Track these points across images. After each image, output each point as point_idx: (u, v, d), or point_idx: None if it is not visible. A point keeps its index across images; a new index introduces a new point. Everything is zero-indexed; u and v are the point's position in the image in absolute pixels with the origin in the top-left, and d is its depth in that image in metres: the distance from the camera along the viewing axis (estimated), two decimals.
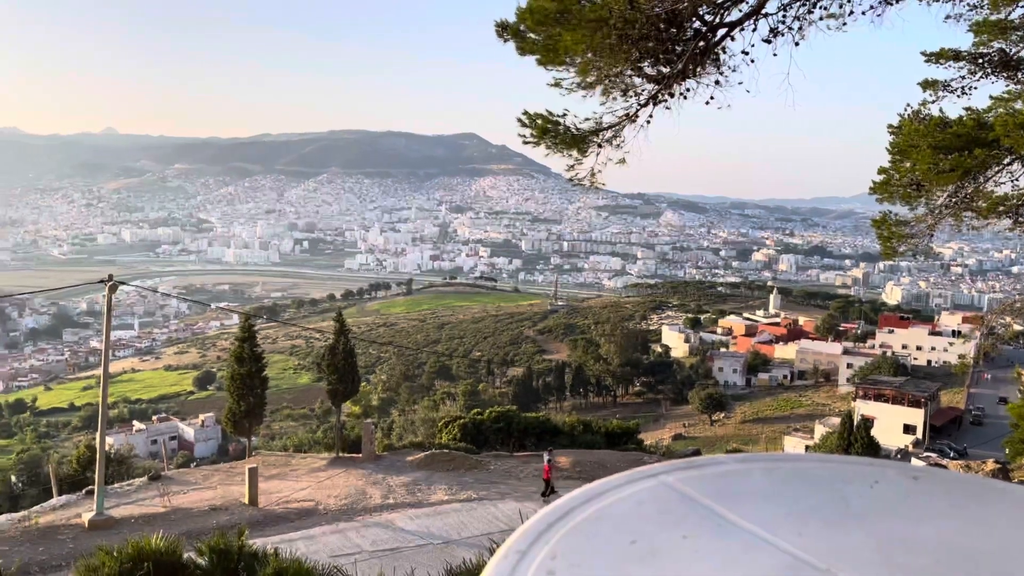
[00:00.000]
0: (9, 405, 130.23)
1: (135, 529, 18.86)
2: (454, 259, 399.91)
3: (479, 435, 33.09)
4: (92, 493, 22.45)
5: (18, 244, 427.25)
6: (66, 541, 19.44)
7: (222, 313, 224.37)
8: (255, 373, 29.40)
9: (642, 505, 1.56)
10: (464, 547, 17.26)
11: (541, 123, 9.94)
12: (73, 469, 32.80)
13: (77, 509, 22.35)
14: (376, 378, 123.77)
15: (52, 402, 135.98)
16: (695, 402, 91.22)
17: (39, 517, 22.02)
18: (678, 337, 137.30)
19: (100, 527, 20.24)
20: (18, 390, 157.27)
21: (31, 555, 18.06)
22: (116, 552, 8.32)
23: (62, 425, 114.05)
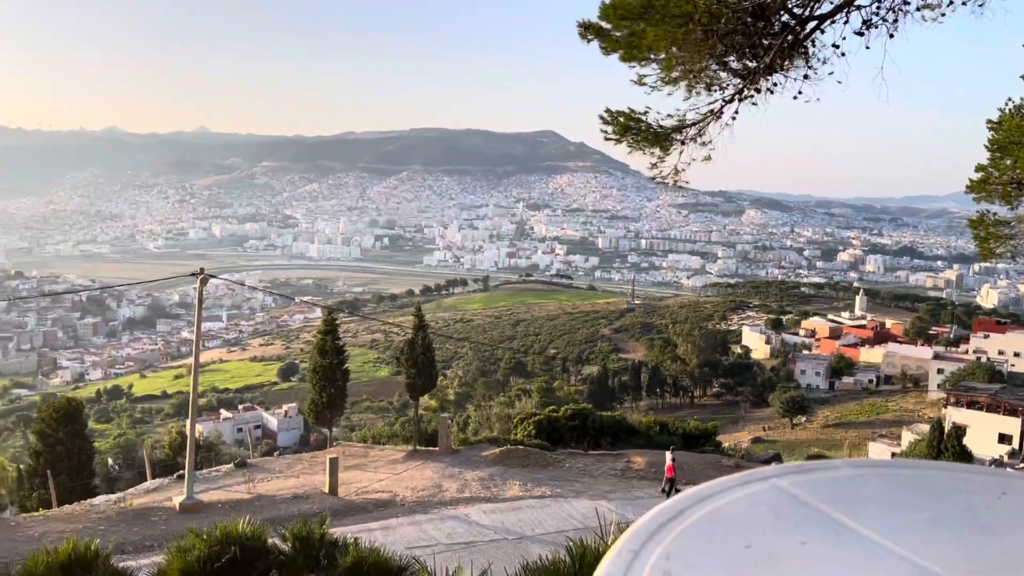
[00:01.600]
0: (107, 391, 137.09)
1: (222, 514, 19.56)
2: (530, 256, 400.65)
3: (554, 432, 33.06)
4: (183, 478, 23.40)
5: (117, 238, 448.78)
6: (158, 523, 20.32)
7: (305, 307, 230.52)
8: (336, 365, 30.11)
9: (755, 508, 1.51)
10: (538, 543, 17.29)
11: (623, 121, 9.85)
12: (165, 454, 34.33)
13: (169, 492, 23.34)
14: (452, 373, 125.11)
15: (146, 389, 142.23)
16: (775, 405, 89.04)
17: (134, 499, 23.10)
18: (759, 338, 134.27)
19: (190, 510, 21.08)
20: (116, 377, 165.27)
21: (126, 535, 18.95)
22: (206, 535, 8.64)
23: (155, 412, 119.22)
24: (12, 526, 20.66)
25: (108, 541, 16.80)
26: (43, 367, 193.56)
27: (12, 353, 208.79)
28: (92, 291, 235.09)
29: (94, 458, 32.43)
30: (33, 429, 31.85)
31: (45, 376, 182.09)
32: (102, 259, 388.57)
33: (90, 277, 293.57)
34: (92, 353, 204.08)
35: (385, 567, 8.03)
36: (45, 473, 27.20)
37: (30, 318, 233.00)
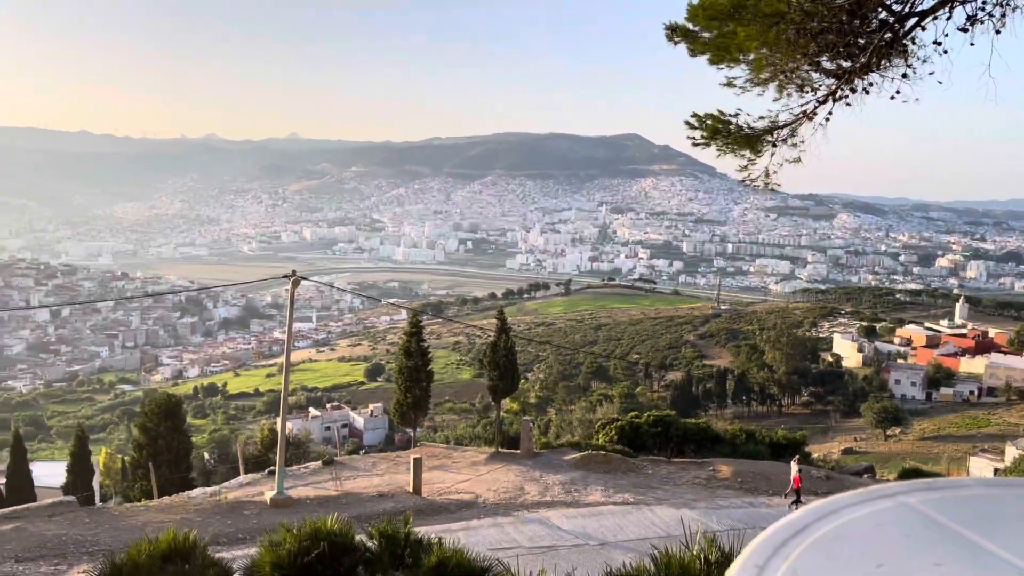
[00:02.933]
0: (204, 388, 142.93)
1: (311, 510, 20.12)
2: (613, 260, 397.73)
3: (636, 438, 32.70)
4: (274, 473, 24.17)
5: (214, 241, 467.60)
6: (250, 516, 21.04)
7: (391, 308, 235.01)
8: (421, 367, 30.57)
9: (883, 527, 1.42)
10: (620, 550, 17.14)
11: (712, 123, 9.68)
12: (257, 450, 35.53)
13: (260, 487, 24.14)
14: (534, 376, 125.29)
15: (240, 387, 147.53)
16: (868, 415, 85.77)
17: (228, 493, 23.99)
18: (851, 346, 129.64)
19: (280, 505, 21.75)
20: (211, 375, 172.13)
21: (221, 527, 19.69)
22: (296, 530, 8.91)
23: (248, 409, 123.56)
24: (116, 515, 21.76)
25: (205, 532, 17.48)
26: (145, 364, 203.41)
27: (118, 350, 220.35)
28: (191, 292, 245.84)
29: (191, 452, 33.86)
30: (136, 423, 33.49)
31: (147, 373, 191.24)
32: (200, 261, 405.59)
33: (189, 278, 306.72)
34: (190, 351, 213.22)
35: (468, 568, 8.11)
36: (147, 465, 28.55)
37: (134, 317, 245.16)
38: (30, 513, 21.33)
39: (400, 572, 8.71)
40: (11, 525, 19.96)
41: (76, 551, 18.22)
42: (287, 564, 8.59)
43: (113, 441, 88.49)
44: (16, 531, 19.49)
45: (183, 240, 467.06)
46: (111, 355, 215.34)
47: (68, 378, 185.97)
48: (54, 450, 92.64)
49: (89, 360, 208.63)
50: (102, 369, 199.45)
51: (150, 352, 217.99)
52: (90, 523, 20.49)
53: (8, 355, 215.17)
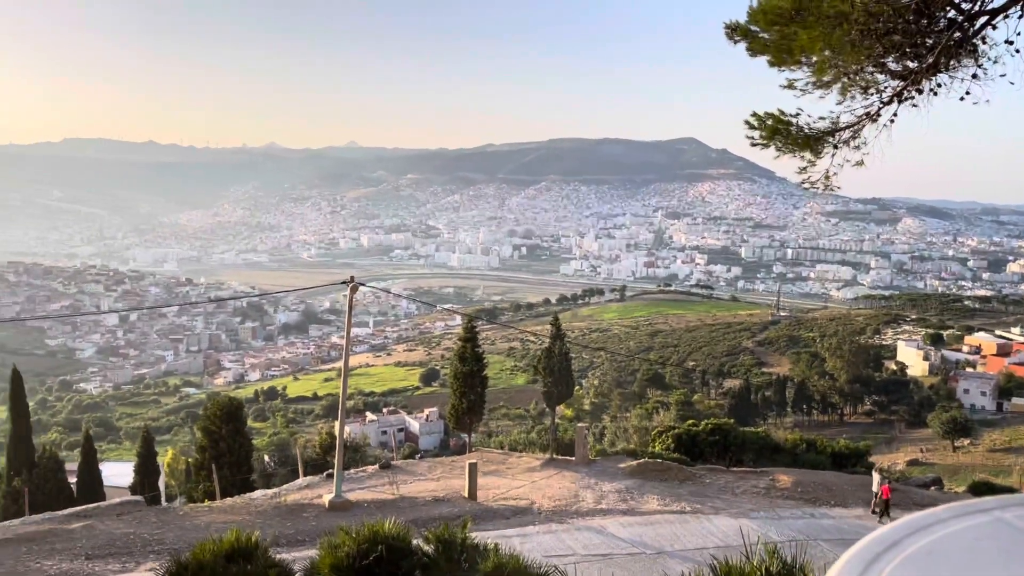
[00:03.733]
0: (264, 392, 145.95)
1: (368, 513, 20.34)
2: (669, 266, 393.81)
3: (693, 447, 32.26)
4: (332, 476, 24.52)
5: (275, 247, 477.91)
6: (309, 519, 21.39)
7: (446, 314, 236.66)
8: (476, 372, 30.70)
9: (979, 543, 1.34)
10: (677, 559, 16.92)
11: (771, 124, 9.52)
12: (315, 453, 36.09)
13: (319, 490, 24.52)
14: (588, 383, 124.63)
15: (299, 391, 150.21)
16: (935, 425, 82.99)
17: (288, 495, 24.43)
18: (916, 354, 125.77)
19: (338, 508, 22.06)
20: (271, 379, 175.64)
21: (281, 529, 20.06)
22: (354, 533, 9.03)
23: (306, 412, 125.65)
24: (181, 515, 22.33)
25: (265, 534, 17.84)
26: (208, 368, 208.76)
27: (182, 354, 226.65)
28: (252, 297, 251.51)
29: (252, 454, 34.56)
30: (199, 426, 34.35)
31: (210, 376, 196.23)
32: (261, 267, 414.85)
33: (250, 284, 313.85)
34: (251, 355, 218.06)
35: (524, 573, 8.10)
36: (210, 467, 29.26)
37: (198, 322, 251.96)
38: (100, 512, 22.05)
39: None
40: (82, 523, 20.66)
41: (143, 549, 18.75)
42: (346, 567, 8.70)
43: (177, 443, 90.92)
44: (87, 529, 20.16)
45: (245, 246, 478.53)
46: (176, 359, 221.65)
47: (135, 381, 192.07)
48: (122, 451, 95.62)
49: (155, 363, 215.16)
50: (167, 372, 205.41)
51: (213, 356, 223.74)
52: (156, 522, 21.08)
53: (80, 358, 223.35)
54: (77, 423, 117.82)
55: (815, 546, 6.53)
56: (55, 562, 17.82)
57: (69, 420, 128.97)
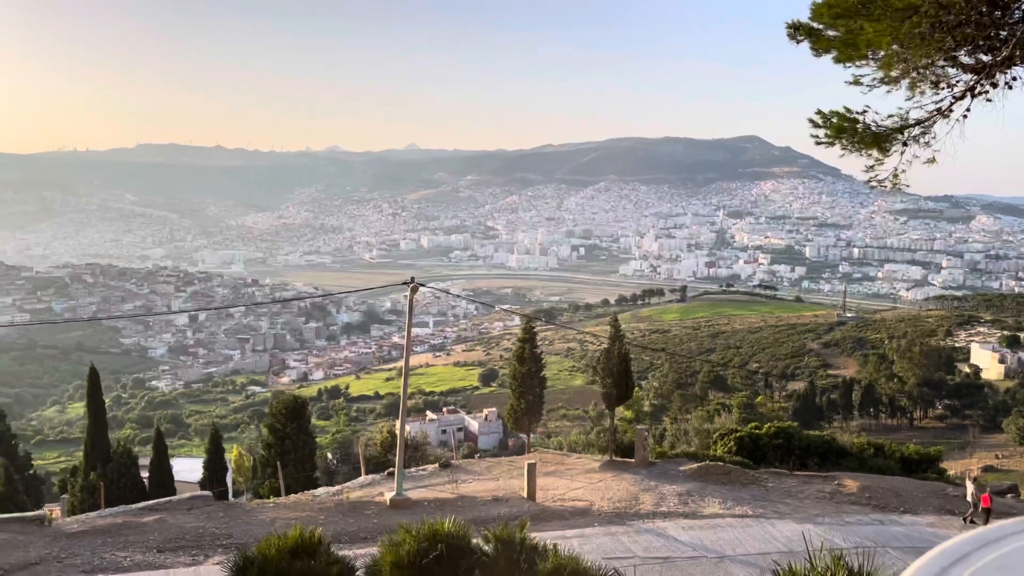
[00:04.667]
0: (327, 391, 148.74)
1: (428, 511, 20.54)
2: (731, 266, 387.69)
3: (756, 450, 31.67)
4: (393, 475, 24.85)
5: (338, 249, 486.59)
6: (371, 516, 21.70)
7: (505, 315, 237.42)
8: (534, 373, 30.72)
9: None
10: (739, 564, 16.67)
11: (837, 122, 9.29)
12: (377, 451, 36.59)
13: (380, 488, 24.86)
14: (648, 384, 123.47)
15: (361, 390, 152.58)
16: (1011, 431, 79.78)
17: (350, 492, 24.84)
18: (991, 357, 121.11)
19: (399, 506, 22.33)
20: (335, 378, 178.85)
21: (343, 525, 20.41)
22: (415, 531, 9.14)
23: (368, 411, 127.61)
24: (247, 511, 22.91)
25: (328, 530, 18.16)
26: (273, 367, 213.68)
27: (248, 353, 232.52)
28: (315, 298, 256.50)
29: (316, 452, 35.28)
30: (265, 423, 35.20)
31: (275, 375, 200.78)
32: (324, 268, 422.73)
33: (314, 285, 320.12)
34: (315, 355, 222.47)
35: (584, 575, 8.09)
36: (275, 464, 29.95)
37: (264, 322, 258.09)
38: (171, 506, 22.76)
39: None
40: (154, 517, 21.36)
41: (211, 543, 19.29)
42: (406, 564, 8.82)
43: (244, 440, 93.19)
44: (158, 523, 20.84)
45: (309, 248, 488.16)
46: (242, 358, 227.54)
47: (204, 379, 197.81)
48: (192, 447, 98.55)
49: (223, 362, 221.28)
50: (234, 371, 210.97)
51: (278, 355, 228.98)
52: (224, 517, 21.66)
53: (152, 356, 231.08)
54: (149, 420, 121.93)
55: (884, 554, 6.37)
56: (129, 554, 18.46)
57: (142, 417, 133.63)
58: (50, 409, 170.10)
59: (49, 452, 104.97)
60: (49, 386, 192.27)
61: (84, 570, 17.36)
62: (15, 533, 19.88)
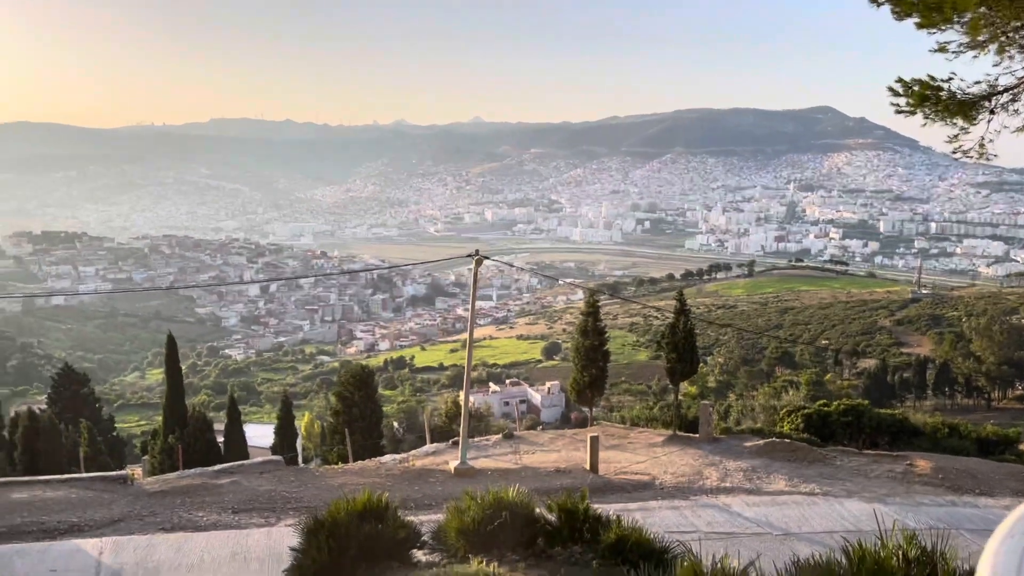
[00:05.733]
0: (393, 361, 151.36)
1: (492, 480, 20.81)
2: (801, 240, 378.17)
3: (824, 428, 31.04)
4: (457, 444, 25.20)
5: (403, 222, 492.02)
6: (436, 484, 22.10)
7: (568, 288, 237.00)
8: (598, 347, 30.60)
9: None
10: (804, 542, 16.45)
11: (919, 90, 8.92)
12: (441, 421, 37.20)
13: (445, 457, 25.26)
14: (713, 360, 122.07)
15: (426, 361, 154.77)
16: None
17: (415, 460, 25.32)
18: None
19: (463, 475, 22.67)
20: (400, 349, 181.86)
21: (408, 492, 20.83)
22: (480, 499, 9.29)
23: (432, 382, 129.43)
24: (316, 476, 23.59)
25: (395, 496, 18.56)
26: (341, 337, 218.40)
27: (317, 324, 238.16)
28: (382, 270, 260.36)
29: (382, 420, 36.03)
30: (334, 392, 36.06)
31: (343, 345, 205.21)
32: (390, 241, 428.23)
33: (380, 257, 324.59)
34: (381, 326, 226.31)
35: (648, 546, 8.12)
36: (343, 431, 30.70)
37: (332, 293, 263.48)
38: (244, 469, 23.59)
39: (579, 546, 8.86)
40: (229, 479, 22.18)
41: (283, 506, 19.94)
42: (472, 531, 8.98)
43: (313, 407, 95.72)
44: (233, 485, 21.63)
45: (375, 221, 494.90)
46: (312, 328, 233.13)
47: (275, 348, 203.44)
48: (263, 414, 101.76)
49: (293, 332, 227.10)
50: (304, 341, 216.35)
51: (345, 326, 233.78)
52: (295, 481, 22.35)
53: (225, 326, 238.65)
54: (223, 386, 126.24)
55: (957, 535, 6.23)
56: (206, 513, 19.24)
57: (216, 384, 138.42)
58: (131, 375, 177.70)
59: (130, 416, 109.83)
60: (130, 352, 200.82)
61: (164, 528, 18.17)
62: (100, 491, 20.90)
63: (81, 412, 42.58)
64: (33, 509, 19.16)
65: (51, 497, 20.15)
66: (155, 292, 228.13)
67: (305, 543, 9.41)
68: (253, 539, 17.27)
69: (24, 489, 20.92)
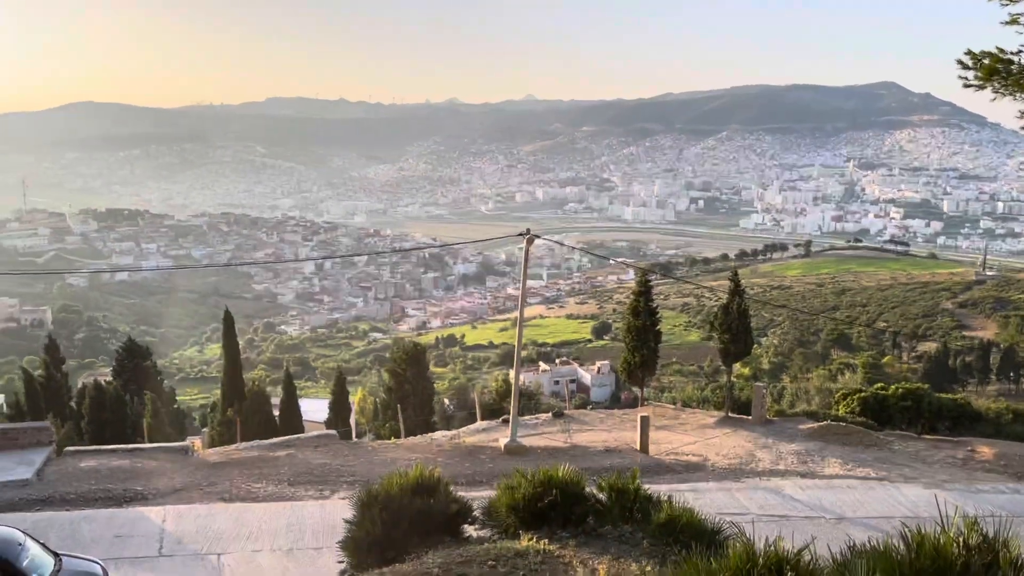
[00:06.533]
0: (444, 339, 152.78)
1: (542, 459, 20.93)
2: (860, 220, 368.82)
3: (882, 412, 30.42)
4: (507, 422, 25.38)
5: (455, 200, 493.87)
6: (486, 461, 22.31)
7: (619, 268, 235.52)
8: (649, 327, 30.40)
9: None
10: (859, 527, 16.21)
11: (989, 63, 8.57)
12: (492, 399, 37.44)
13: (495, 434, 25.47)
14: (767, 342, 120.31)
15: (476, 339, 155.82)
16: None
17: (466, 437, 25.59)
18: None
19: (513, 452, 22.84)
20: (451, 327, 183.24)
21: (459, 469, 21.08)
22: (530, 476, 9.35)
23: (483, 360, 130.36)
24: (369, 450, 24.03)
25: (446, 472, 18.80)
26: (394, 314, 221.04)
27: (370, 301, 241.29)
28: (433, 248, 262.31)
29: (433, 397, 36.45)
30: (387, 368, 36.59)
31: (395, 322, 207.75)
32: (442, 220, 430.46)
33: (432, 236, 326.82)
34: (432, 304, 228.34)
35: (698, 527, 8.09)
36: (396, 407, 31.17)
37: (385, 271, 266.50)
38: (300, 443, 24.15)
39: (629, 526, 8.87)
40: (285, 452, 22.75)
41: (337, 479, 20.37)
42: (522, 507, 9.05)
43: (366, 383, 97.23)
44: (289, 458, 22.18)
45: (427, 200, 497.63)
46: (365, 305, 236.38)
47: (329, 325, 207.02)
48: (318, 389, 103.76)
49: (347, 309, 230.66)
50: (357, 317, 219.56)
51: (398, 303, 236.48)
52: (348, 455, 22.80)
53: (281, 302, 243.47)
54: (279, 362, 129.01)
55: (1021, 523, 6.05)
56: (263, 485, 19.76)
57: (272, 359, 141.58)
58: (190, 349, 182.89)
59: (190, 388, 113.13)
60: (189, 327, 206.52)
61: (223, 498, 18.72)
62: (163, 461, 21.63)
63: (144, 384, 43.96)
64: (100, 477, 19.93)
65: (117, 466, 20.92)
66: (214, 268, 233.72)
67: (359, 516, 9.60)
68: (308, 511, 17.70)
69: (92, 458, 21.76)
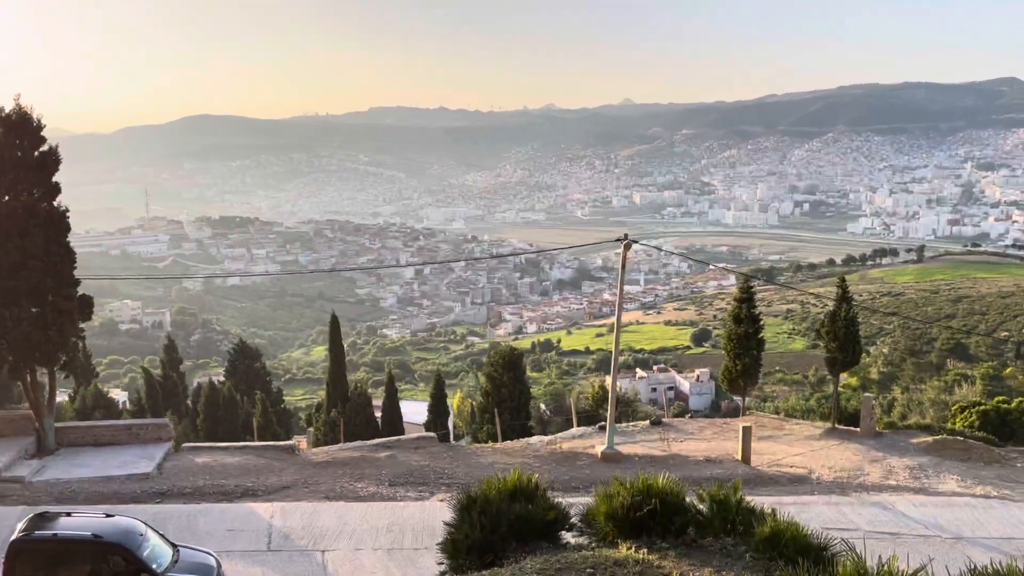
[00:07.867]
0: (540, 344, 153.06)
1: (639, 467, 20.72)
2: (978, 224, 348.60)
3: (1003, 426, 28.73)
4: (604, 428, 25.24)
5: (551, 206, 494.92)
6: (583, 467, 22.26)
7: (719, 274, 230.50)
8: (752, 334, 29.66)
9: None
10: (980, 548, 15.37)
11: None
12: (588, 405, 37.28)
13: (591, 440, 25.38)
14: (876, 351, 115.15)
15: (572, 344, 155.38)
16: None
17: (562, 443, 25.58)
18: None
19: (610, 459, 22.71)
20: (547, 331, 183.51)
21: (556, 474, 21.11)
22: (629, 484, 9.27)
23: (579, 365, 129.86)
24: (467, 453, 24.36)
25: (543, 477, 18.88)
26: (490, 319, 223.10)
27: (468, 306, 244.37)
28: (530, 254, 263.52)
29: (530, 402, 36.56)
30: (484, 372, 36.95)
31: (492, 327, 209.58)
32: (538, 225, 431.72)
33: (528, 241, 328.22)
34: (528, 309, 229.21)
35: (805, 542, 7.82)
36: (493, 410, 31.44)
37: (482, 276, 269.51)
38: (400, 444, 24.71)
39: (731, 538, 8.67)
40: (386, 453, 23.32)
41: (436, 481, 20.75)
42: (620, 516, 8.98)
43: (464, 387, 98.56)
44: (390, 459, 22.73)
45: (524, 205, 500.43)
46: (463, 310, 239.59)
47: (428, 329, 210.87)
48: (417, 391, 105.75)
49: (445, 313, 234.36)
50: (455, 322, 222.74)
51: (495, 308, 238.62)
52: (447, 457, 23.18)
53: (383, 307, 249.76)
54: (380, 364, 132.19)
55: None
56: (365, 485, 20.32)
57: (374, 361, 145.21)
58: (296, 351, 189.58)
59: (296, 389, 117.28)
60: (296, 330, 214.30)
61: (328, 496, 19.36)
62: (271, 459, 22.55)
63: (254, 384, 45.89)
64: (214, 473, 20.95)
65: (229, 462, 21.95)
66: (319, 274, 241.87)
67: (458, 519, 9.74)
68: (408, 511, 18.10)
69: (206, 454, 22.91)
